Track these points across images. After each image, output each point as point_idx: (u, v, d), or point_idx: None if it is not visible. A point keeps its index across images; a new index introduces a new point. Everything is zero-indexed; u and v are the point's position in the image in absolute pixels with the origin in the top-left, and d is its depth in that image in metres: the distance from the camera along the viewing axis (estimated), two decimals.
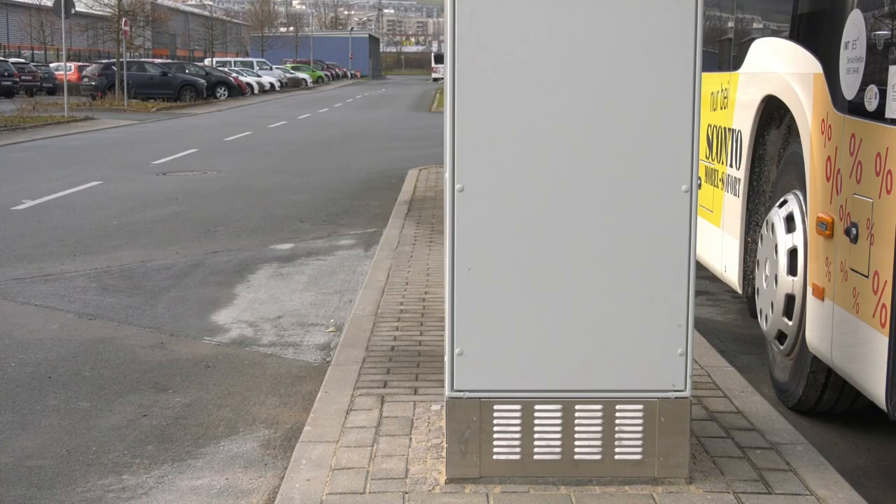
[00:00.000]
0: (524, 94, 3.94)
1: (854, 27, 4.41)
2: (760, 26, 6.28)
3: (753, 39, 6.17)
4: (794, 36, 5.40)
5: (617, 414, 4.07)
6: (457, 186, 3.96)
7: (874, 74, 4.21)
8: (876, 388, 4.18)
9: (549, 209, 3.97)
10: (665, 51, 3.91)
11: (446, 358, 4.06)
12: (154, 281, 8.83)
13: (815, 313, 4.81)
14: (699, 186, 5.53)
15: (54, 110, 34.25)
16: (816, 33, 5.03)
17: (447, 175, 3.98)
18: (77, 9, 35.42)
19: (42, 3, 58.88)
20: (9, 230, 11.48)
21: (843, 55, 4.51)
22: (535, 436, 4.08)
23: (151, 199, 14.02)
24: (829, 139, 4.67)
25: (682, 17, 3.89)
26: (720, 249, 6.56)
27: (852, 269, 4.39)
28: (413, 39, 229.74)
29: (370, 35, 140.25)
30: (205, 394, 5.84)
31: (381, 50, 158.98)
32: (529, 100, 3.94)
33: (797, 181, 5.26)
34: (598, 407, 4.07)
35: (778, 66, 5.57)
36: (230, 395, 5.82)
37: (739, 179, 6.19)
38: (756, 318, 5.77)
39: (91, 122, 31.43)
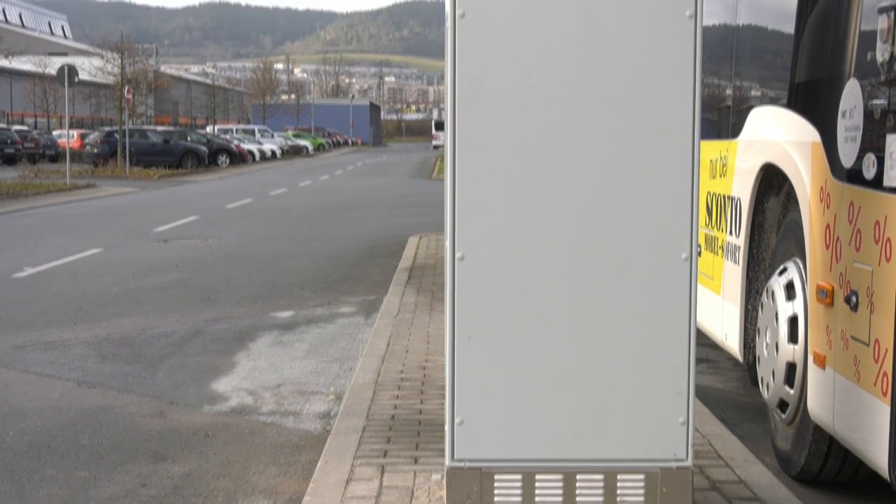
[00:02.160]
0: (525, 163, 3.96)
1: (851, 96, 4.45)
2: (758, 94, 6.32)
3: (752, 107, 6.21)
4: (792, 104, 5.43)
5: (619, 484, 4.05)
6: (457, 255, 3.97)
7: (872, 143, 4.23)
8: (878, 457, 4.15)
9: (550, 278, 3.98)
10: (663, 118, 3.93)
11: (447, 427, 4.04)
12: (154, 349, 8.81)
13: (817, 381, 4.80)
14: (699, 254, 5.54)
15: (56, 177, 34.37)
16: (814, 102, 5.06)
17: (447, 243, 3.99)
18: (80, 77, 35.67)
19: (46, 72, 59.29)
20: (10, 297, 11.48)
21: (841, 124, 4.54)
22: None
23: (152, 266, 14.03)
24: (828, 207, 4.69)
25: (680, 84, 3.92)
26: (721, 317, 6.55)
27: (853, 338, 4.38)
28: (414, 107, 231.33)
29: (371, 103, 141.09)
30: (204, 463, 5.80)
31: (381, 117, 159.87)
32: (530, 169, 3.96)
33: (797, 249, 5.27)
34: (600, 477, 4.05)
35: (776, 134, 5.60)
36: (229, 464, 5.79)
37: (739, 247, 6.20)
38: (757, 386, 5.75)
39: (93, 190, 31.54)
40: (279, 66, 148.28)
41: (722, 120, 6.94)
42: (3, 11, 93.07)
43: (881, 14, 4.15)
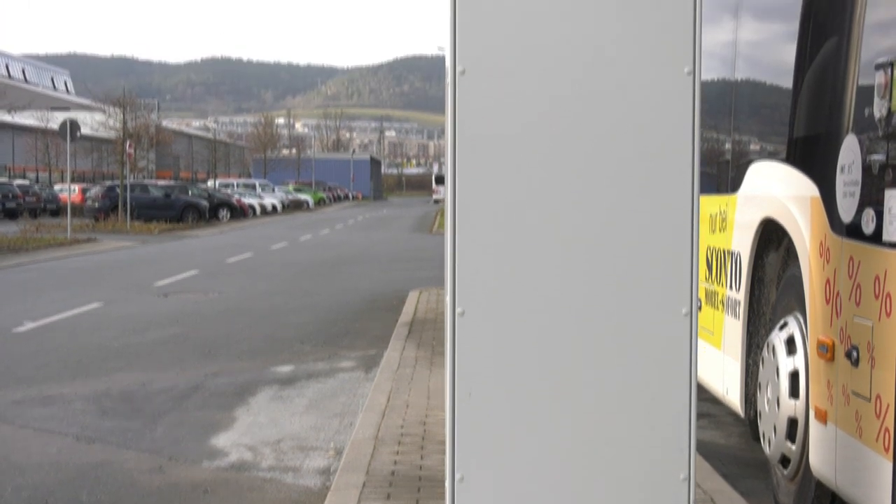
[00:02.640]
0: (525, 218, 3.97)
1: (849, 151, 4.47)
2: (757, 148, 6.35)
3: (751, 162, 6.24)
4: (791, 159, 5.46)
5: None
6: (458, 310, 3.97)
7: (870, 198, 4.25)
8: None
9: (551, 334, 3.97)
10: (662, 172, 3.95)
11: (447, 483, 4.02)
12: (154, 404, 8.78)
13: (819, 437, 4.78)
14: (699, 308, 5.54)
15: (57, 232, 34.43)
16: (812, 157, 5.08)
17: (448, 298, 3.99)
18: (82, 132, 35.83)
19: (48, 127, 59.58)
20: (10, 352, 11.46)
21: (840, 179, 4.56)
22: None
23: (152, 320, 14.01)
24: (828, 262, 4.69)
25: (679, 139, 3.94)
26: (721, 372, 6.54)
27: (854, 393, 4.37)
28: (414, 161, 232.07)
29: (371, 157, 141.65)
30: None
31: (382, 171, 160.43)
32: (531, 225, 3.97)
33: (797, 303, 5.27)
34: None
35: (775, 188, 5.62)
36: None
37: (739, 301, 6.20)
38: (759, 441, 5.73)
39: (93, 244, 31.57)
40: (280, 120, 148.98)
41: (721, 174, 6.97)
42: (7, 67, 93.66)
43: (878, 70, 4.18)
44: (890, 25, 4.31)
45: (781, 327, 5.41)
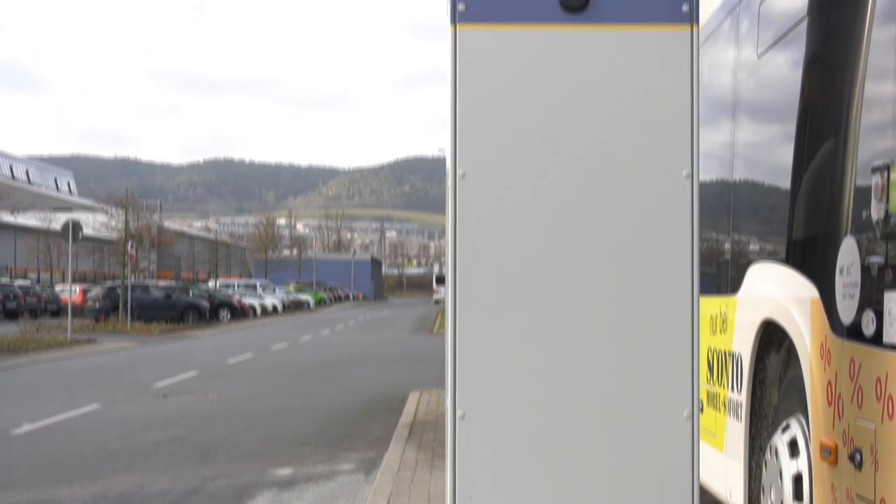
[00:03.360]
0: (527, 320, 3.98)
1: (848, 253, 4.48)
2: (756, 249, 6.37)
3: (750, 262, 6.25)
4: (790, 260, 5.47)
5: None
6: (458, 412, 3.95)
7: (870, 299, 4.25)
8: None
9: (551, 437, 3.95)
10: (662, 274, 3.96)
11: None
12: None
13: None
14: (701, 410, 5.51)
15: (57, 332, 34.37)
16: (811, 258, 5.10)
17: (448, 401, 3.98)
18: (84, 232, 35.99)
19: (50, 227, 59.85)
20: (7, 454, 11.37)
21: (839, 280, 4.56)
22: None
23: (151, 422, 13.93)
24: (829, 364, 4.68)
25: (678, 241, 3.96)
26: (725, 474, 6.48)
27: (858, 496, 4.33)
28: (415, 261, 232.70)
29: (372, 257, 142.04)
30: None
31: (383, 272, 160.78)
32: (532, 327, 3.97)
33: (799, 405, 5.25)
34: None
35: (775, 290, 5.62)
36: None
37: (741, 403, 6.16)
38: None
39: (93, 345, 31.50)
40: (281, 221, 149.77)
41: (721, 275, 6.98)
42: (11, 168, 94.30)
43: (874, 173, 4.22)
44: (886, 127, 4.35)
45: (784, 429, 5.37)
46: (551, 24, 4.05)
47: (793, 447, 5.23)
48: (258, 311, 58.45)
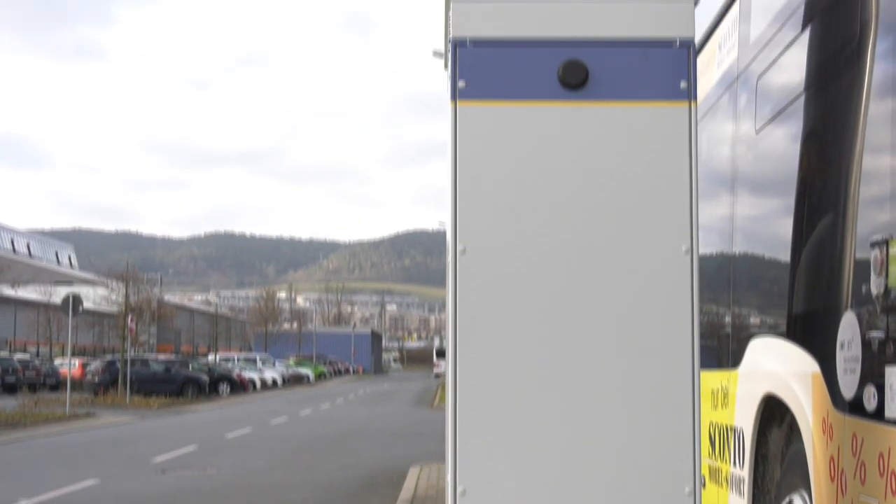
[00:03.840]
0: (526, 395, 3.97)
1: (848, 328, 4.48)
2: (757, 323, 6.36)
3: (751, 337, 6.24)
4: (791, 335, 5.46)
5: None
6: (459, 489, 3.93)
7: (871, 374, 4.24)
8: None
9: None
10: (663, 349, 3.96)
11: None
12: None
13: None
14: (703, 486, 5.47)
15: (56, 406, 34.18)
16: (812, 333, 5.09)
17: (449, 476, 3.95)
18: (84, 306, 35.95)
19: (51, 301, 59.82)
20: None
21: (840, 355, 4.55)
22: None
23: (149, 498, 13.81)
24: (831, 439, 4.66)
25: (678, 316, 3.96)
26: None
27: None
28: (415, 335, 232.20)
29: (372, 331, 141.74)
30: None
31: (383, 345, 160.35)
32: (531, 402, 3.96)
33: (802, 481, 5.21)
34: None
35: (776, 364, 5.61)
36: None
37: (744, 479, 6.12)
38: None
39: (92, 419, 31.31)
40: (282, 294, 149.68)
41: (722, 349, 6.96)
42: (13, 242, 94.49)
43: (874, 247, 4.23)
44: (884, 201, 4.37)
45: None
46: (551, 100, 4.09)
47: None
48: (258, 384, 58.21)
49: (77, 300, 33.61)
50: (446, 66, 4.36)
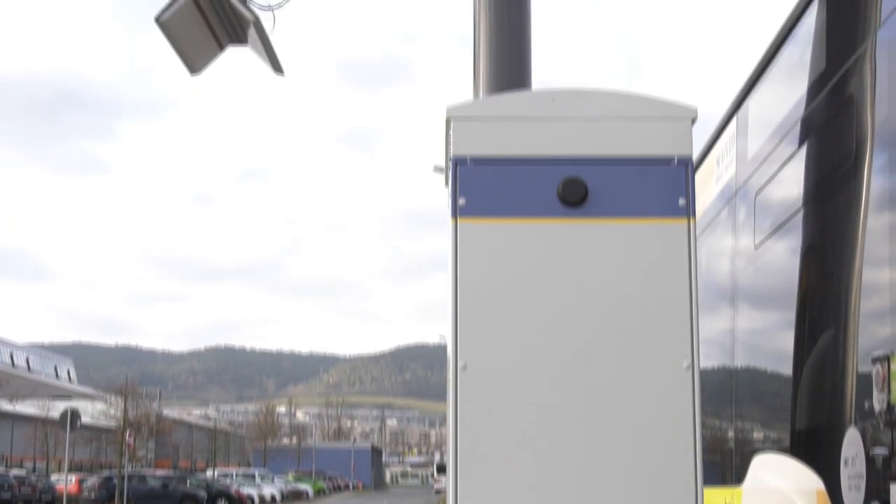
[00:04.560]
0: None
1: (852, 444, 4.45)
2: (760, 439, 6.32)
3: (755, 452, 6.19)
4: (794, 451, 5.42)
5: None
6: None
7: (876, 491, 4.20)
8: None
9: None
10: (664, 470, 3.93)
11: None
12: None
13: None
14: None
15: None
16: (815, 449, 5.05)
17: None
18: (83, 420, 35.75)
19: (49, 416, 59.47)
20: None
21: (844, 472, 4.51)
22: None
23: None
24: None
25: (680, 434, 3.94)
26: None
27: None
28: (415, 450, 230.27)
29: (372, 446, 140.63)
30: None
31: (383, 460, 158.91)
32: None
33: None
34: None
35: (780, 481, 5.56)
36: None
37: None
38: None
39: None
40: (281, 409, 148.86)
41: (725, 465, 6.90)
42: (11, 356, 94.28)
43: (875, 363, 4.22)
44: (885, 316, 4.37)
45: None
46: (551, 217, 4.12)
47: None
48: (256, 501, 57.59)
49: (75, 415, 33.43)
50: (447, 183, 4.40)
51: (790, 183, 5.54)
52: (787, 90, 5.65)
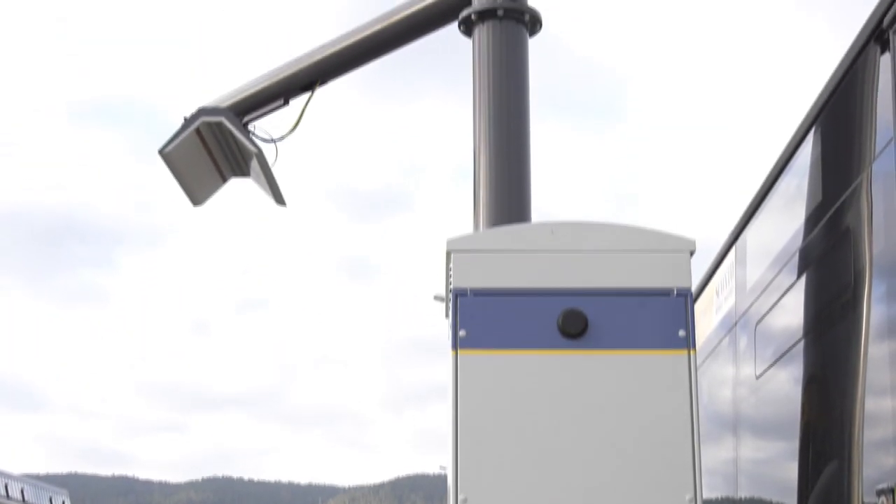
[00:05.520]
0: None
1: None
2: None
3: None
4: None
5: None
6: None
7: None
8: None
9: None
10: None
11: None
12: None
13: None
14: None
15: None
16: None
17: None
18: None
19: None
20: None
21: None
22: None
23: None
24: None
25: None
26: None
27: None
28: None
29: None
30: None
31: None
32: None
33: None
34: None
35: None
36: None
37: None
38: None
39: None
40: None
41: None
42: (6, 487, 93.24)
43: (879, 496, 4.18)
44: (888, 447, 4.35)
45: None
46: (550, 349, 4.13)
47: None
48: None
49: None
50: (447, 314, 4.41)
51: (790, 313, 5.55)
52: (785, 220, 5.70)
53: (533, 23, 5.98)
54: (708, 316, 7.44)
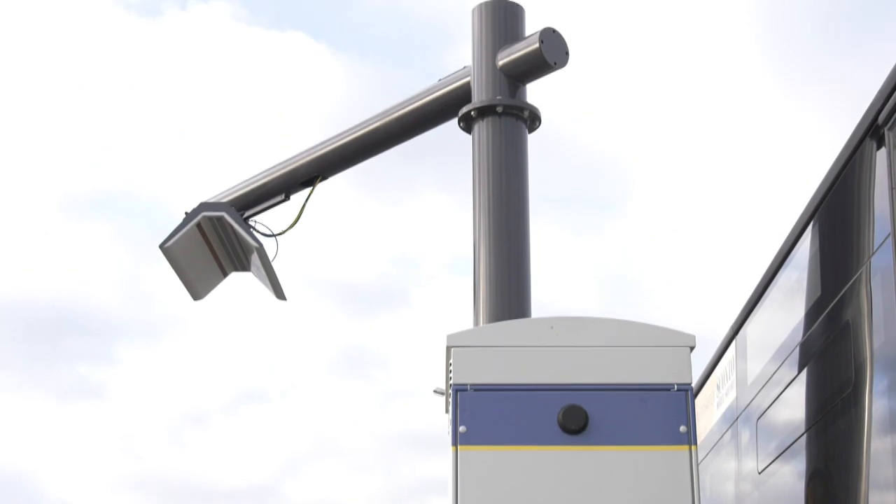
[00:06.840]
0: None
1: None
2: None
3: None
4: None
5: None
6: None
7: None
8: None
9: None
10: None
11: None
12: None
13: None
14: None
15: None
16: None
17: None
18: None
19: None
20: None
21: None
22: None
23: None
24: None
25: None
26: None
27: None
28: None
29: None
30: None
31: None
32: None
33: None
34: None
35: None
36: None
37: None
38: None
39: None
40: None
41: None
42: None
43: None
44: None
45: None
46: (551, 445, 4.11)
47: None
48: None
49: None
50: (447, 410, 4.40)
51: (792, 407, 5.53)
52: (786, 314, 5.70)
53: (532, 119, 6.03)
54: (709, 411, 7.40)
